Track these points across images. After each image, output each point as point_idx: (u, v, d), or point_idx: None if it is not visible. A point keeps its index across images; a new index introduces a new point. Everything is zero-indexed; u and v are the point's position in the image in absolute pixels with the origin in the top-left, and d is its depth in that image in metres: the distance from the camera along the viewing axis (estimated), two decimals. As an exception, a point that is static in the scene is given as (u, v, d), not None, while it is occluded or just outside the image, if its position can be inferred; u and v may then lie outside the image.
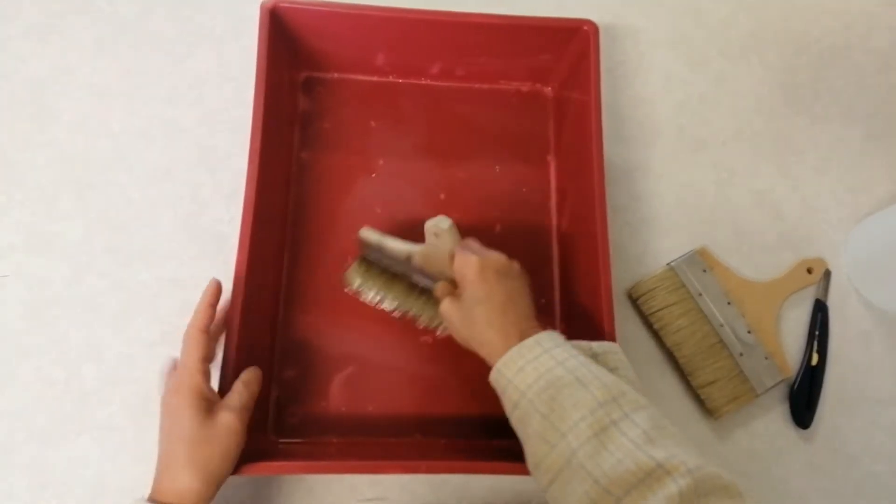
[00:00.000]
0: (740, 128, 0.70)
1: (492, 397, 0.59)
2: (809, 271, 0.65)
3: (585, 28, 0.61)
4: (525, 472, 0.54)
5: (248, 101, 0.56)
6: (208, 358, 0.49)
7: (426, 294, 0.59)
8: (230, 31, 0.68)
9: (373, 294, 0.59)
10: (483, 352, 0.51)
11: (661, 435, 0.41)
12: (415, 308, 0.59)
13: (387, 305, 0.60)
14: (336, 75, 0.67)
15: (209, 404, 0.47)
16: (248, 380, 0.50)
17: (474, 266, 0.51)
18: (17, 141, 0.63)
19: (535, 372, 0.45)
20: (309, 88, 0.66)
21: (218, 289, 0.51)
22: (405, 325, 0.60)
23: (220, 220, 0.62)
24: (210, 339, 0.49)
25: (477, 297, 0.51)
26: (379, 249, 0.57)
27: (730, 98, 0.71)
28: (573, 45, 0.63)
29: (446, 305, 0.53)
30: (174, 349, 0.57)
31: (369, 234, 0.57)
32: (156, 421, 0.56)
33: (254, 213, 0.53)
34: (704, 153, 0.69)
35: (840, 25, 0.74)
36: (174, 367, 0.51)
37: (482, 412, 0.59)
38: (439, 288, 0.56)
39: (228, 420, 0.46)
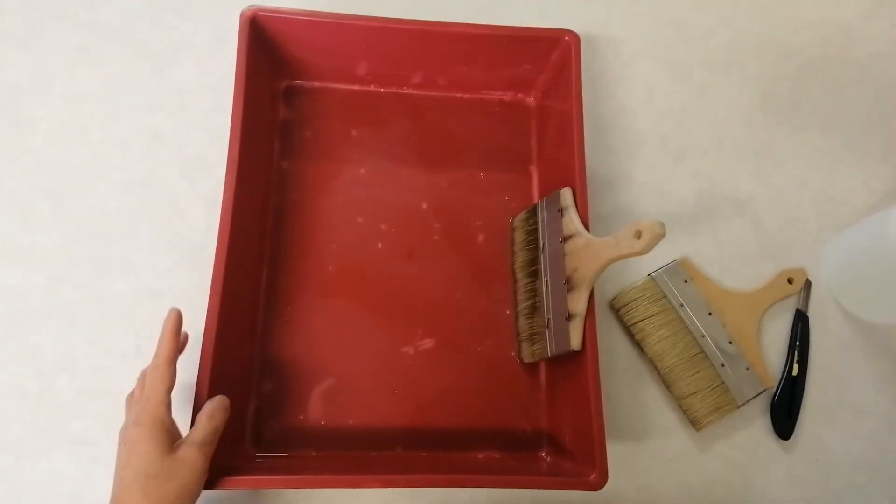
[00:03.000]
0: (721, 138, 0.70)
1: (473, 409, 0.59)
2: (790, 281, 0.65)
3: (567, 38, 0.62)
4: (506, 484, 0.54)
5: (229, 110, 0.56)
6: (171, 389, 0.47)
7: (538, 294, 0.57)
8: (212, 39, 0.67)
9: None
10: None
11: None
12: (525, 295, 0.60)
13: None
14: (317, 84, 0.66)
15: (171, 438, 0.46)
16: (212, 412, 0.47)
17: None
18: (-8, 149, 0.62)
19: None
20: (289, 97, 0.66)
21: (179, 317, 0.50)
22: (386, 336, 0.60)
23: (197, 230, 0.61)
24: (174, 369, 0.48)
25: None
26: (555, 208, 0.57)
27: (711, 108, 0.71)
28: (555, 55, 0.63)
29: None
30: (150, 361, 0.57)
31: (566, 195, 0.57)
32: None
33: (231, 223, 0.53)
34: (686, 163, 0.69)
35: (819, 37, 0.75)
36: (132, 395, 0.50)
37: (463, 425, 0.58)
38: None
39: (190, 456, 0.45)
